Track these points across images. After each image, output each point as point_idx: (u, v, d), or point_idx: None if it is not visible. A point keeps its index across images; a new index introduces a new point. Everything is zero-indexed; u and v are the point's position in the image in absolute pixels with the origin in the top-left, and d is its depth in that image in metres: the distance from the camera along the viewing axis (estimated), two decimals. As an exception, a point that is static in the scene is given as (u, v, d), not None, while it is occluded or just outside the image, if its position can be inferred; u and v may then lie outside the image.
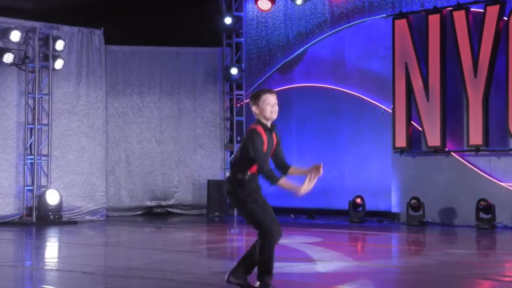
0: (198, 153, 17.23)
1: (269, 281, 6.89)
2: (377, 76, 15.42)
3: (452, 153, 14.38)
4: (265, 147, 7.03)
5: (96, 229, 14.44)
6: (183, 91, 17.23)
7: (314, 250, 11.06)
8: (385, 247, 12.12)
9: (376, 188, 15.18)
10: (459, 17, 14.12)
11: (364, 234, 13.48)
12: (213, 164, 17.27)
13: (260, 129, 6.95)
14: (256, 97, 7.00)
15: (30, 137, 15.23)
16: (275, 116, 7.06)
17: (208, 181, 16.66)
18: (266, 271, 6.91)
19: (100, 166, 16.06)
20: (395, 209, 15.00)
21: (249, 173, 7.06)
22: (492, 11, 13.77)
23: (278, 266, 8.81)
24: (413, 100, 14.66)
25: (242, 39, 17.38)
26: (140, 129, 17.02)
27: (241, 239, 13.38)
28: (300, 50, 16.57)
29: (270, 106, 6.96)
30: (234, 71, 17.03)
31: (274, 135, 7.17)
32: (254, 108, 7.02)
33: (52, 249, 12.28)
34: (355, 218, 14.98)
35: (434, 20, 14.45)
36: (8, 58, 14.85)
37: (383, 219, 15.06)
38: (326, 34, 16.18)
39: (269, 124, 7.05)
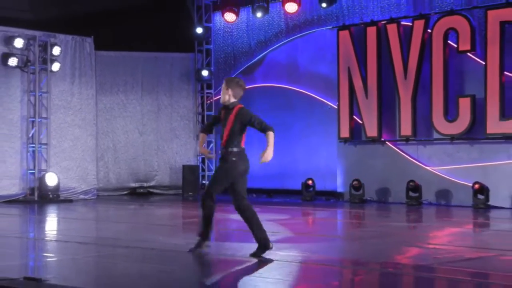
0: (174, 142, 17.17)
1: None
2: (324, 78, 15.48)
3: (386, 142, 14.51)
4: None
5: (89, 206, 14.33)
6: (162, 90, 17.13)
7: (274, 223, 11.13)
8: (332, 221, 12.24)
9: (324, 172, 15.29)
10: (392, 29, 14.24)
11: (314, 210, 13.60)
12: (187, 151, 17.23)
13: None
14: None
15: (32, 129, 15.04)
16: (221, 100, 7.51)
17: (183, 166, 16.62)
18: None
19: (91, 153, 15.94)
20: (340, 189, 15.12)
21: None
22: (419, 25, 13.91)
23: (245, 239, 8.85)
24: (355, 97, 14.76)
25: (211, 46, 17.32)
26: (125, 122, 16.90)
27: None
28: (260, 56, 16.57)
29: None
30: (204, 73, 16.99)
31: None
32: (230, 92, 7.43)
33: (51, 223, 12.18)
34: (307, 197, 15.07)
35: (371, 31, 14.55)
36: (13, 61, 14.65)
37: (330, 197, 15.17)
38: (282, 42, 16.21)
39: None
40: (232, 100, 7.52)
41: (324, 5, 15.07)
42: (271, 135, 7.59)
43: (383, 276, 6.71)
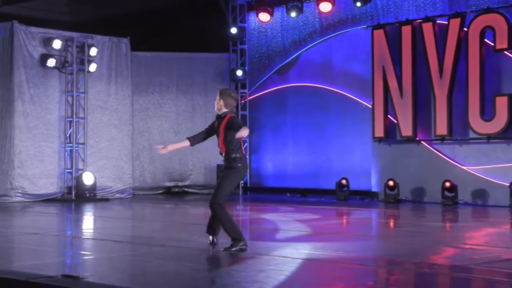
0: (209, 142, 17.03)
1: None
2: (359, 77, 15.40)
3: (422, 141, 14.38)
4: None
5: (124, 205, 14.46)
6: (196, 90, 17.22)
7: (308, 222, 11.09)
8: (366, 220, 12.16)
9: (359, 171, 15.20)
10: (427, 28, 14.10)
11: (349, 210, 13.51)
12: (221, 151, 17.25)
13: None
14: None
15: (69, 128, 15.24)
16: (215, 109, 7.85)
17: (218, 165, 16.63)
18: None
19: (127, 153, 16.08)
20: (374, 188, 15.02)
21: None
22: (455, 23, 13.74)
23: (280, 236, 8.84)
24: (389, 97, 14.65)
25: (246, 46, 17.35)
26: (160, 121, 17.02)
27: (245, 214, 13.41)
28: (294, 55, 16.54)
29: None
30: (239, 73, 17.02)
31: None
32: (222, 103, 7.76)
33: (88, 222, 12.31)
34: (341, 196, 14.99)
35: (406, 31, 14.42)
36: (51, 62, 14.87)
37: (364, 197, 15.08)
38: (316, 42, 16.16)
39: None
40: (224, 110, 7.81)
41: (358, 4, 14.98)
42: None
43: (419, 276, 6.63)
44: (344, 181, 15.05)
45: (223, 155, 7.88)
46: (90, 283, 5.71)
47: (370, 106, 15.00)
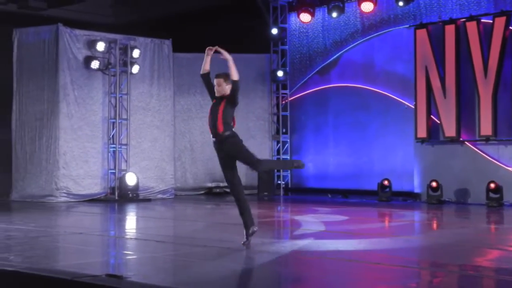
0: (250, 142, 17.03)
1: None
2: (401, 77, 15.25)
3: (465, 142, 14.17)
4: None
5: (166, 205, 14.58)
6: (237, 91, 17.23)
7: (351, 224, 11.03)
8: (409, 222, 12.02)
9: (401, 172, 15.04)
10: (472, 27, 13.89)
11: (391, 211, 13.38)
12: (262, 151, 17.25)
13: None
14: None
15: (113, 129, 15.43)
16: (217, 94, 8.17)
17: (259, 166, 16.68)
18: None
19: (169, 153, 16.21)
20: (417, 189, 14.85)
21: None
22: (500, 22, 13.51)
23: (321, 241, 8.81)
24: (432, 97, 14.48)
25: (287, 46, 17.33)
26: (202, 122, 17.08)
27: (286, 214, 13.40)
28: (335, 56, 16.46)
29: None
30: (280, 73, 17.01)
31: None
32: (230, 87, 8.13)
33: (131, 222, 12.45)
34: (383, 197, 14.87)
35: (450, 30, 14.23)
36: (95, 64, 15.08)
37: (407, 198, 14.92)
38: (358, 42, 16.05)
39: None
40: (227, 93, 8.18)
41: (401, 3, 14.84)
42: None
43: (463, 279, 6.53)
44: (386, 182, 14.92)
45: (219, 134, 8.10)
46: (134, 282, 5.77)
47: (413, 106, 14.85)
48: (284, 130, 17.21)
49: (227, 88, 8.21)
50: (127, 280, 5.77)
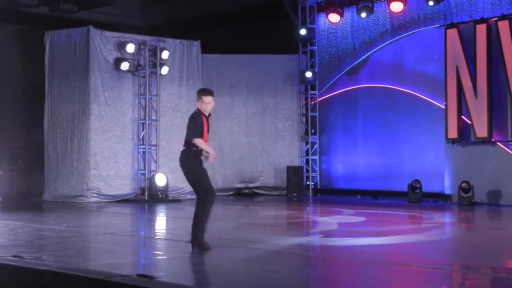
0: (279, 143, 17.26)
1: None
2: (431, 77, 15.11)
3: (497, 143, 13.98)
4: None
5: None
6: (266, 92, 17.25)
7: (380, 225, 10.96)
8: (440, 223, 11.90)
9: (431, 173, 14.89)
10: (503, 26, 13.70)
11: (421, 212, 13.27)
12: (291, 152, 17.27)
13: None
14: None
15: (142, 130, 15.54)
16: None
17: (287, 167, 16.69)
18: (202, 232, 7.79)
19: (198, 154, 16.23)
20: (448, 191, 14.69)
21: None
22: (533, 20, 13.31)
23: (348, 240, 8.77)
24: (463, 97, 14.32)
25: (315, 47, 17.27)
26: (231, 123, 17.14)
27: (315, 215, 13.37)
28: (364, 56, 16.37)
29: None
30: (308, 74, 16.97)
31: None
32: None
33: (160, 222, 12.52)
34: (413, 198, 14.73)
35: (481, 29, 14.06)
36: (125, 66, 15.21)
37: (437, 199, 14.77)
38: (387, 42, 15.94)
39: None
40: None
41: (431, 3, 14.71)
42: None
43: (495, 281, 6.44)
44: (416, 183, 14.79)
45: (204, 152, 8.42)
46: (164, 282, 5.80)
47: (443, 107, 14.70)
48: (313, 131, 17.17)
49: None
50: (157, 280, 5.81)
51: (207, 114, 8.29)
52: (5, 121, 14.59)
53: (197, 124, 8.18)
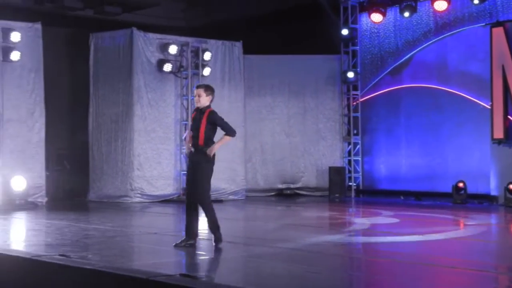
0: (320, 144, 17.21)
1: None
2: (476, 77, 14.89)
3: (545, 143, 13.71)
4: None
5: (238, 206, 14.68)
6: (308, 92, 17.23)
7: (424, 226, 10.85)
8: (485, 225, 11.70)
9: (477, 174, 14.66)
10: (552, 24, 13.42)
11: (466, 214, 13.07)
12: (333, 153, 17.20)
13: None
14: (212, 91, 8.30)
15: (185, 131, 15.66)
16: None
17: (330, 167, 16.62)
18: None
19: (240, 155, 16.31)
20: (494, 192, 14.44)
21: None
22: None
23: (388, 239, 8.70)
24: (509, 97, 14.07)
25: (358, 47, 17.17)
26: (272, 124, 17.16)
27: (357, 216, 13.30)
28: (407, 56, 16.21)
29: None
30: (350, 74, 16.88)
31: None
32: (209, 98, 8.19)
33: (203, 223, 12.57)
34: (458, 200, 14.53)
35: (528, 27, 13.81)
36: (167, 67, 15.36)
37: (483, 201, 14.53)
38: (431, 41, 15.76)
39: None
40: (207, 104, 8.33)
41: (476, 1, 14.49)
42: (226, 138, 8.39)
43: (543, 286, 6.32)
44: (461, 184, 14.58)
45: (199, 147, 8.19)
46: (207, 282, 5.85)
47: (488, 107, 14.46)
48: (355, 131, 17.07)
49: (208, 100, 8.34)
50: (200, 280, 5.86)
51: (196, 107, 8.35)
52: (52, 122, 14.87)
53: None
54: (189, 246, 8.14)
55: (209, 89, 8.40)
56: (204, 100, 8.29)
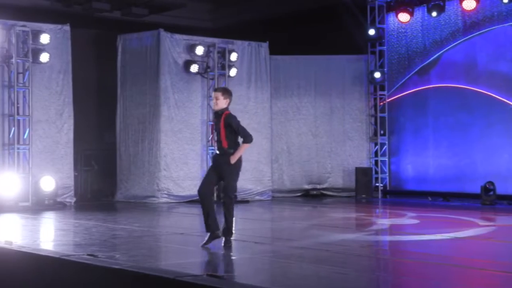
0: (347, 145, 17.14)
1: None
2: (505, 77, 14.71)
3: None
4: None
5: (264, 207, 14.69)
6: (334, 92, 17.17)
7: (452, 228, 10.75)
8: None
9: (506, 175, 14.47)
10: None
11: (495, 215, 12.92)
12: (360, 153, 17.12)
13: None
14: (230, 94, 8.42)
15: (211, 132, 15.71)
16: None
17: (356, 168, 16.56)
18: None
19: (266, 156, 16.32)
20: (524, 193, 14.27)
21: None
22: None
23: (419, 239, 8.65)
24: (540, 97, 13.91)
25: (385, 47, 17.08)
26: (299, 124, 17.14)
27: (384, 217, 13.22)
28: (435, 56, 16.08)
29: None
30: (377, 74, 16.80)
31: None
32: (227, 101, 8.27)
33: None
34: (486, 201, 14.35)
35: (559, 26, 13.61)
36: (194, 68, 15.42)
37: (512, 202, 14.37)
38: (459, 41, 15.61)
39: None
40: (224, 107, 8.41)
41: (505, 0, 14.32)
42: (244, 146, 8.37)
43: None
44: (490, 185, 14.41)
45: (224, 148, 8.30)
46: (234, 283, 5.87)
47: (518, 107, 14.30)
48: (382, 132, 16.98)
49: (226, 102, 8.42)
50: (227, 280, 5.87)
51: (214, 110, 8.49)
52: (80, 123, 15.03)
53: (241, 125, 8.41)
54: (213, 239, 8.24)
55: (226, 92, 8.48)
56: (221, 103, 8.37)
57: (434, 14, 15.63)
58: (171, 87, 15.29)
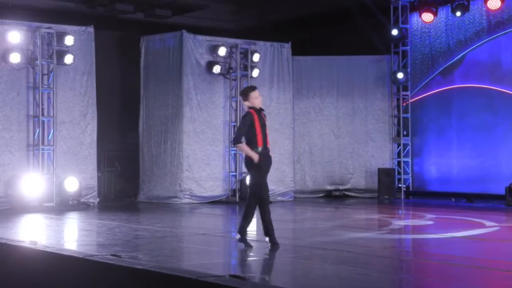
0: (369, 145, 17.08)
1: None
2: (530, 77, 14.57)
3: None
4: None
5: (286, 208, 14.68)
6: (357, 93, 17.12)
7: (475, 229, 10.66)
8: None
9: (531, 176, 14.34)
10: None
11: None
12: (382, 154, 17.04)
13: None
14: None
15: (234, 133, 15.74)
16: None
17: (379, 169, 16.49)
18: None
19: (288, 156, 16.31)
20: (549, 194, 14.09)
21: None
22: None
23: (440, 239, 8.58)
24: None
25: (408, 47, 16.98)
26: (321, 125, 17.11)
27: (407, 218, 13.14)
28: (459, 56, 15.95)
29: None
30: (400, 75, 16.71)
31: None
32: (247, 103, 8.37)
33: (251, 224, 12.59)
34: (511, 202, 14.21)
35: None
36: (217, 69, 15.47)
37: (537, 203, 14.20)
38: (483, 41, 15.47)
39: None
40: (247, 108, 8.52)
41: (530, -1, 14.17)
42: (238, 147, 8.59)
43: None
44: (514, 186, 14.27)
45: (267, 147, 8.50)
46: (257, 283, 5.88)
47: (544, 107, 14.13)
48: (405, 133, 16.88)
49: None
50: (250, 281, 5.89)
51: (258, 108, 8.45)
52: (103, 123, 15.15)
53: (242, 127, 8.40)
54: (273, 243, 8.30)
55: (241, 94, 8.75)
56: (244, 105, 8.64)
57: (458, 13, 15.51)
58: (193, 88, 15.34)
